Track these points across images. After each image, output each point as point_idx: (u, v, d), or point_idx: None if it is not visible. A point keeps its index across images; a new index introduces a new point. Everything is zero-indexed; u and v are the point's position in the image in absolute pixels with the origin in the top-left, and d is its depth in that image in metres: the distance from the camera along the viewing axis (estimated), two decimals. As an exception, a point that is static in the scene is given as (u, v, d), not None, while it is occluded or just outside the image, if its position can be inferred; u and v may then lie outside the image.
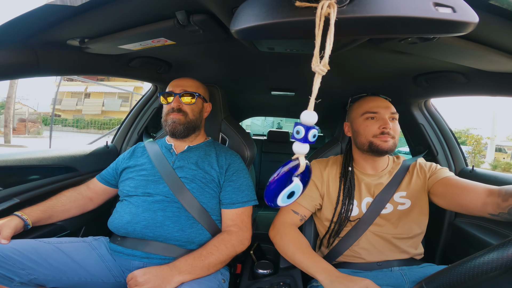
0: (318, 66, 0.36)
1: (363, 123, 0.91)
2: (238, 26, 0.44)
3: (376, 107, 0.90)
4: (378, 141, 0.88)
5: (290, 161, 0.40)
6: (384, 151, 0.88)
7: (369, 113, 0.90)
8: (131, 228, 0.87)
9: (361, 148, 0.93)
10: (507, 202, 0.63)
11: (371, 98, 0.95)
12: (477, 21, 0.39)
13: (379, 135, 0.87)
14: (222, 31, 0.70)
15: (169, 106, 1.00)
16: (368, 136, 0.89)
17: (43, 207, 0.90)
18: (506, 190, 0.65)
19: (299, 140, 0.38)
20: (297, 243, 0.85)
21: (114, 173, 1.05)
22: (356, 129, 0.94)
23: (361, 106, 0.94)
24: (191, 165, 0.97)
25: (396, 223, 0.89)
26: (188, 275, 0.77)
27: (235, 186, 0.97)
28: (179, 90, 1.00)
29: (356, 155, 0.98)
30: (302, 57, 0.94)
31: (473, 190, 0.75)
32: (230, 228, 0.92)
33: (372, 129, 0.89)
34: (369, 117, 0.91)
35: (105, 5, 0.60)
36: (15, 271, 0.72)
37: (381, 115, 0.89)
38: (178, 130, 0.98)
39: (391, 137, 0.87)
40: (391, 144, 0.88)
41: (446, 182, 0.84)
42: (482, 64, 0.76)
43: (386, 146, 0.87)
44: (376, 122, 0.89)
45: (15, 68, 0.72)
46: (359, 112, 0.93)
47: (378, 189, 0.91)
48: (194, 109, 1.02)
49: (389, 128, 0.87)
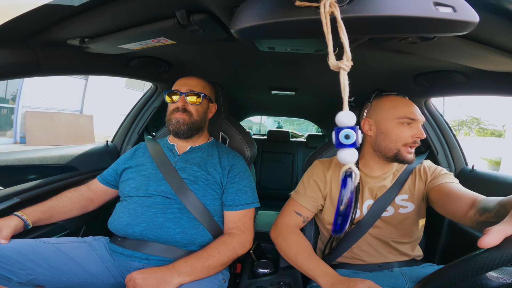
0: (342, 62, 0.34)
1: (398, 127, 0.84)
2: (238, 26, 0.44)
3: (415, 114, 0.84)
4: (405, 151, 0.84)
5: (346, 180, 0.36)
6: (406, 162, 0.85)
7: (407, 119, 0.83)
8: (130, 230, 0.87)
9: (383, 152, 0.86)
10: (481, 217, 0.61)
11: (406, 101, 0.88)
12: (477, 20, 0.39)
13: (410, 144, 0.83)
14: (222, 31, 0.70)
15: (174, 105, 0.98)
16: (399, 143, 0.84)
17: (43, 207, 0.90)
18: (483, 207, 0.62)
19: (348, 146, 0.34)
20: (299, 246, 0.84)
21: (114, 174, 1.04)
22: (385, 131, 0.86)
23: (397, 108, 0.85)
24: (193, 166, 0.96)
25: (396, 227, 0.88)
26: (188, 277, 0.76)
27: (238, 188, 0.96)
28: (185, 89, 0.98)
29: (368, 155, 0.92)
30: (302, 56, 0.94)
31: (460, 200, 0.73)
32: (232, 230, 0.91)
33: (406, 137, 0.83)
34: (405, 123, 0.84)
35: (105, 5, 0.60)
36: (13, 271, 0.71)
37: (418, 123, 0.84)
38: (182, 130, 0.97)
39: (414, 147, 0.85)
40: (413, 156, 0.85)
41: (440, 189, 0.82)
42: (483, 63, 0.76)
43: (410, 158, 0.84)
44: (411, 130, 0.83)
45: (15, 68, 0.72)
46: (394, 114, 0.85)
47: (381, 192, 0.90)
48: (199, 110, 1.00)
49: (422, 138, 0.84)
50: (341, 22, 0.34)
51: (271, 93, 1.69)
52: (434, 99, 1.30)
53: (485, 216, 0.60)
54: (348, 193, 0.36)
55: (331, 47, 0.34)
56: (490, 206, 0.59)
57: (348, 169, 0.36)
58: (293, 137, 3.43)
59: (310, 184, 0.94)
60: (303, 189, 0.95)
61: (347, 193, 0.36)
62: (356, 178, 0.36)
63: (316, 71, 1.19)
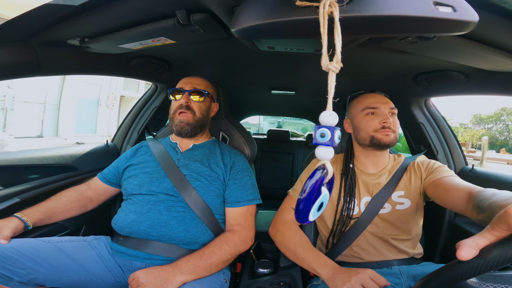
0: (332, 64, 0.35)
1: (364, 118, 0.92)
2: (238, 25, 0.44)
3: (376, 103, 0.92)
4: (379, 135, 0.89)
5: (315, 172, 0.38)
6: (386, 144, 0.89)
7: (369, 109, 0.92)
8: (135, 227, 0.87)
9: (363, 143, 0.93)
10: (479, 216, 0.61)
11: (370, 94, 0.96)
12: (477, 20, 0.39)
13: (380, 130, 0.89)
14: (223, 30, 0.70)
15: (178, 102, 1.00)
16: (369, 131, 0.90)
17: (42, 208, 0.90)
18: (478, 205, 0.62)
19: (325, 144, 0.36)
20: (298, 240, 0.86)
21: (116, 172, 1.04)
22: (356, 125, 0.95)
23: (361, 102, 0.95)
24: (196, 163, 0.98)
25: (394, 224, 0.89)
26: (190, 275, 0.77)
27: (240, 185, 0.97)
28: (188, 87, 1.01)
29: (358, 151, 0.98)
30: (302, 56, 0.94)
31: (456, 193, 0.73)
32: (233, 227, 0.92)
33: (373, 124, 0.90)
34: (369, 113, 0.92)
35: (105, 5, 0.60)
36: (14, 271, 0.72)
37: (381, 110, 0.91)
38: (185, 130, 0.99)
39: (392, 131, 0.89)
40: (393, 137, 0.89)
41: (436, 185, 0.84)
42: (482, 63, 0.76)
43: (388, 139, 0.88)
44: (377, 117, 0.91)
45: (15, 68, 0.72)
46: (359, 108, 0.94)
47: (377, 189, 0.91)
48: (202, 107, 1.02)
49: (389, 123, 0.89)
50: (337, 24, 0.34)
51: (271, 92, 1.69)
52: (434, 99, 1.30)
53: (482, 216, 0.60)
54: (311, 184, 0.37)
55: (325, 47, 0.35)
56: (484, 206, 0.59)
57: (322, 165, 0.37)
58: (293, 136, 3.43)
59: None
60: (301, 186, 0.96)
61: (311, 183, 0.37)
62: (328, 174, 0.37)
63: (316, 71, 1.19)
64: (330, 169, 0.37)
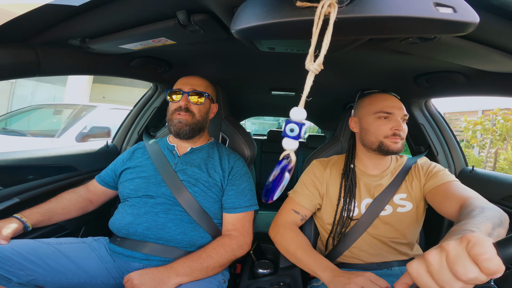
0: (312, 65, 0.37)
1: (375, 122, 0.88)
2: (238, 26, 0.44)
3: (391, 107, 0.87)
4: (388, 142, 0.86)
5: (281, 161, 0.42)
6: (394, 152, 0.86)
7: (383, 113, 0.87)
8: (132, 229, 0.86)
9: (369, 146, 0.90)
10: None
11: (384, 96, 0.91)
12: (477, 21, 0.39)
13: (391, 136, 0.86)
14: (223, 31, 0.70)
15: (176, 104, 0.96)
16: (379, 136, 0.87)
17: (42, 209, 0.89)
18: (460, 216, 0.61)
19: (292, 138, 0.40)
20: (298, 242, 0.85)
21: (113, 175, 1.03)
22: (366, 126, 0.91)
23: (374, 103, 0.90)
24: (194, 168, 0.95)
25: (395, 226, 0.88)
26: (186, 277, 0.76)
27: (238, 191, 0.95)
28: (188, 89, 0.96)
29: (360, 152, 0.95)
30: (302, 57, 0.94)
31: (450, 202, 0.73)
32: (230, 232, 0.91)
33: (384, 129, 0.86)
34: (382, 117, 0.88)
35: (106, 5, 0.60)
36: (13, 272, 0.71)
37: (395, 116, 0.87)
38: (184, 131, 0.95)
39: (400, 139, 0.86)
40: (400, 145, 0.87)
41: (434, 192, 0.83)
42: (483, 64, 0.76)
43: (396, 147, 0.86)
44: (389, 123, 0.87)
45: (16, 68, 0.72)
46: (371, 110, 0.90)
47: (378, 191, 0.90)
48: (202, 110, 0.98)
49: (401, 130, 0.86)
50: (331, 26, 0.35)
51: (271, 93, 1.69)
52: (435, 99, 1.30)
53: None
54: (278, 170, 0.42)
55: (313, 47, 0.37)
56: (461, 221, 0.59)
57: (287, 154, 0.42)
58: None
59: (308, 183, 0.95)
60: (301, 187, 0.96)
61: (277, 169, 0.42)
62: (291, 162, 0.42)
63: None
64: (293, 158, 0.42)
